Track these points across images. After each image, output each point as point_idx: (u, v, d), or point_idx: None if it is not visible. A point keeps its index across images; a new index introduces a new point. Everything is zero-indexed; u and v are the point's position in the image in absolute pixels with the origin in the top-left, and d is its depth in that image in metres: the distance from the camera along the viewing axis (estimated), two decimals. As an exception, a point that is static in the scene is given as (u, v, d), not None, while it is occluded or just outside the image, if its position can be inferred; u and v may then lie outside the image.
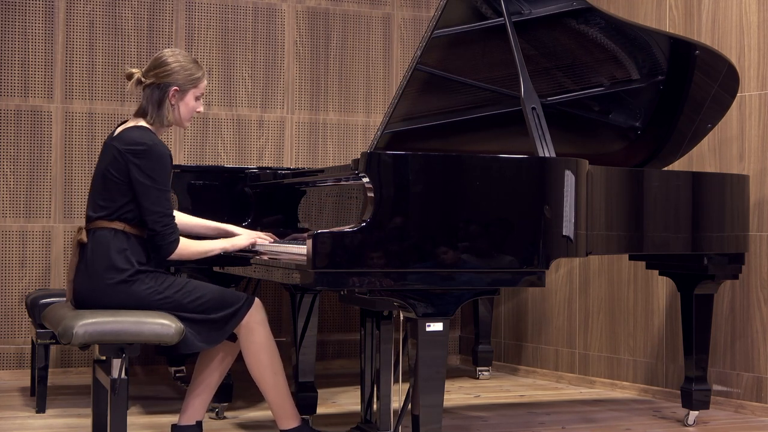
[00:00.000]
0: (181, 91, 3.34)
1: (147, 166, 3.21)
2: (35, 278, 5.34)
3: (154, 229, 3.23)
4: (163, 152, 3.25)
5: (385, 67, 6.01)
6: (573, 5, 3.75)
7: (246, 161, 5.69)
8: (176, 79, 3.32)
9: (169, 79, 3.32)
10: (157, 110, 3.33)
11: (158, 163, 3.22)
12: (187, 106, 3.38)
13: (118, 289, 3.21)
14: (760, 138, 4.51)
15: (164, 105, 3.33)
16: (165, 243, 3.25)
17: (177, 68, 3.32)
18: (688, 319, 4.20)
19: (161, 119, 3.33)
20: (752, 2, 4.55)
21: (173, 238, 3.26)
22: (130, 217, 3.26)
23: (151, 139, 3.26)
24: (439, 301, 3.00)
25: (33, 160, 5.36)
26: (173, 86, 3.32)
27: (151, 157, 3.22)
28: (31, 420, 4.21)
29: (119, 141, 3.27)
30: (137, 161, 3.21)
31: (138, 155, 3.21)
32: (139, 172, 3.21)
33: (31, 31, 5.37)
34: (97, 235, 3.26)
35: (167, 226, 3.24)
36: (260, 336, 3.34)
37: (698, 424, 4.25)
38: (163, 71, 3.32)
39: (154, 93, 3.33)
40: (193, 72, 3.35)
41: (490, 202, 3.05)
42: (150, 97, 3.33)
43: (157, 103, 3.33)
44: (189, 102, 3.37)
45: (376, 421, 3.67)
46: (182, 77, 3.33)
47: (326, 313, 5.80)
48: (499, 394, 5.00)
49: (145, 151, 3.22)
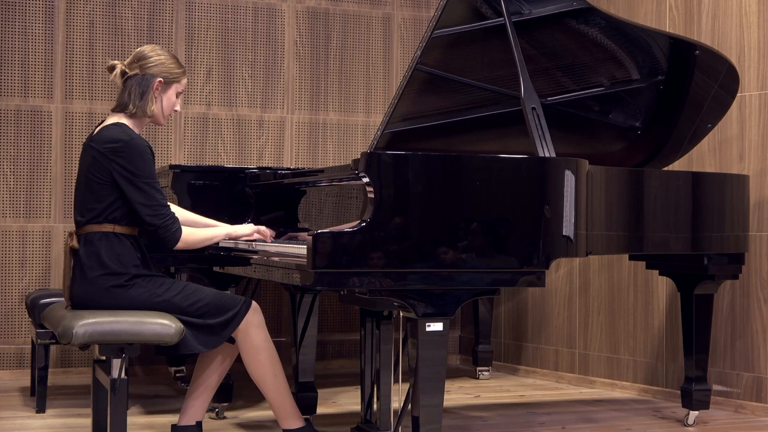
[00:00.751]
0: (165, 83, 3.34)
1: (128, 162, 3.19)
2: (35, 278, 5.34)
3: (153, 224, 3.23)
4: (142, 144, 3.22)
5: (385, 67, 6.01)
6: (573, 5, 3.75)
7: (246, 161, 5.69)
8: (161, 71, 3.32)
9: (154, 70, 3.31)
10: (140, 100, 3.30)
11: (138, 157, 3.20)
12: (169, 101, 3.37)
13: (115, 294, 3.20)
14: (760, 138, 4.51)
15: (147, 95, 3.31)
16: (169, 234, 3.24)
17: (163, 60, 3.33)
18: (688, 319, 4.20)
19: (144, 110, 3.31)
20: (752, 2, 4.55)
21: (175, 227, 3.25)
22: (118, 216, 3.24)
23: (128, 134, 3.24)
24: (439, 301, 3.00)
25: (33, 160, 5.36)
26: (158, 77, 3.32)
27: (130, 153, 3.19)
28: (31, 420, 4.21)
29: (97, 141, 3.25)
30: (117, 159, 3.19)
31: (117, 153, 3.19)
32: (122, 170, 3.19)
33: (31, 31, 5.37)
34: (89, 239, 3.25)
35: (166, 217, 3.23)
36: (258, 339, 3.34)
37: (698, 424, 4.25)
38: (148, 63, 3.31)
39: (137, 84, 3.31)
40: (176, 67, 3.36)
41: (490, 202, 3.05)
42: (133, 88, 3.31)
43: (140, 94, 3.31)
44: (171, 97, 3.37)
45: (376, 421, 3.67)
46: (167, 70, 3.33)
47: (326, 313, 5.80)
48: (499, 394, 5.00)
49: (123, 148, 3.19)
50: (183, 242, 3.28)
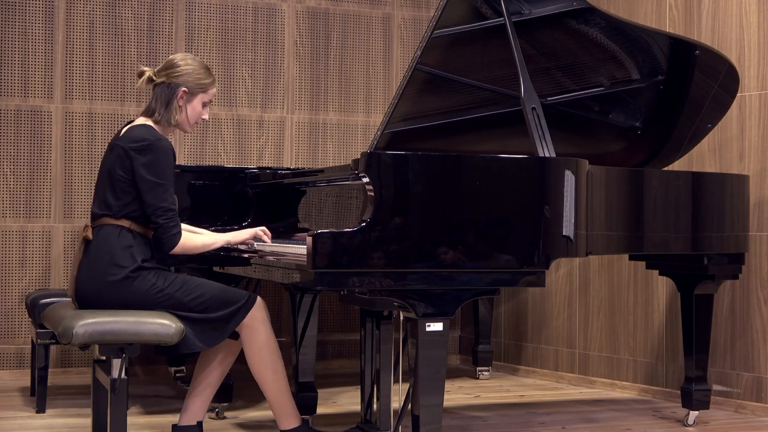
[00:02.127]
0: (189, 93, 3.38)
1: (150, 161, 3.24)
2: (35, 278, 5.34)
3: (156, 222, 3.26)
4: (167, 147, 3.28)
5: (385, 67, 6.01)
6: (573, 5, 3.75)
7: (246, 161, 5.69)
8: (186, 81, 3.37)
9: (180, 80, 3.36)
10: (165, 109, 3.37)
11: (162, 158, 3.25)
12: (194, 110, 3.42)
13: (119, 286, 3.22)
14: (760, 138, 4.51)
15: (172, 105, 3.37)
16: (168, 236, 3.26)
17: (189, 71, 3.38)
18: (688, 319, 4.20)
19: (168, 119, 3.37)
20: (752, 2, 4.55)
21: (175, 231, 3.28)
22: (136, 215, 3.29)
23: (154, 135, 3.29)
24: (439, 301, 3.00)
25: (33, 160, 5.36)
26: (182, 87, 3.37)
27: (154, 152, 3.25)
28: (31, 420, 4.21)
29: (124, 140, 3.31)
30: (141, 157, 3.24)
31: (141, 151, 3.25)
32: (143, 168, 3.24)
33: (31, 31, 5.37)
34: (103, 232, 3.28)
35: (170, 219, 3.26)
36: (262, 335, 3.34)
37: (698, 424, 4.25)
38: (174, 72, 3.37)
39: (163, 92, 3.38)
40: (203, 77, 3.40)
41: (490, 202, 3.05)
42: (159, 95, 3.38)
43: (165, 102, 3.37)
44: (196, 106, 3.41)
45: (376, 421, 3.67)
46: (192, 80, 3.38)
47: (326, 313, 5.80)
48: (499, 394, 5.00)
49: (148, 147, 3.25)
50: (181, 247, 3.30)
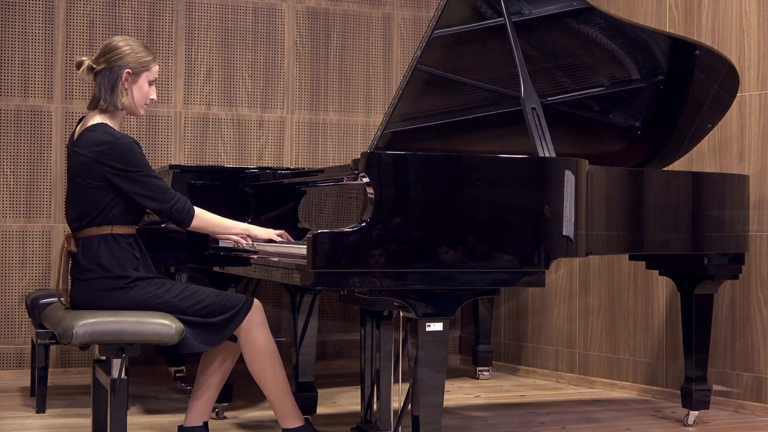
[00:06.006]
0: (133, 74, 3.31)
1: (118, 161, 3.19)
2: (35, 278, 5.34)
3: (162, 210, 3.24)
4: (126, 141, 3.21)
5: (385, 67, 6.01)
6: (573, 5, 3.75)
7: (246, 161, 5.69)
8: (128, 62, 3.30)
9: (121, 62, 3.29)
10: (110, 95, 3.29)
11: (128, 154, 3.20)
12: (141, 91, 3.35)
13: (116, 296, 3.21)
14: (760, 138, 4.51)
15: (117, 89, 3.29)
16: (182, 215, 3.26)
17: (128, 51, 3.31)
18: (688, 319, 4.20)
19: (114, 103, 3.29)
20: (752, 2, 4.55)
21: (187, 207, 3.27)
22: (116, 216, 3.24)
23: (111, 134, 3.23)
24: (439, 301, 3.00)
25: (33, 160, 5.36)
26: (125, 69, 3.30)
27: (118, 152, 3.19)
28: (31, 420, 4.21)
29: (82, 146, 3.24)
30: (107, 161, 3.19)
31: (105, 156, 3.19)
32: (115, 170, 3.19)
33: (31, 31, 5.37)
34: (87, 243, 3.25)
35: (173, 199, 3.24)
36: (260, 337, 3.34)
37: (698, 424, 4.25)
38: (114, 55, 3.30)
39: (106, 78, 3.30)
40: (144, 55, 3.34)
41: (490, 202, 3.05)
42: (102, 82, 3.31)
43: (110, 88, 3.30)
44: (143, 86, 3.35)
45: (376, 421, 3.67)
46: (134, 60, 3.31)
47: (326, 313, 5.80)
48: (499, 394, 5.00)
49: (110, 149, 3.19)
50: (198, 220, 3.29)
